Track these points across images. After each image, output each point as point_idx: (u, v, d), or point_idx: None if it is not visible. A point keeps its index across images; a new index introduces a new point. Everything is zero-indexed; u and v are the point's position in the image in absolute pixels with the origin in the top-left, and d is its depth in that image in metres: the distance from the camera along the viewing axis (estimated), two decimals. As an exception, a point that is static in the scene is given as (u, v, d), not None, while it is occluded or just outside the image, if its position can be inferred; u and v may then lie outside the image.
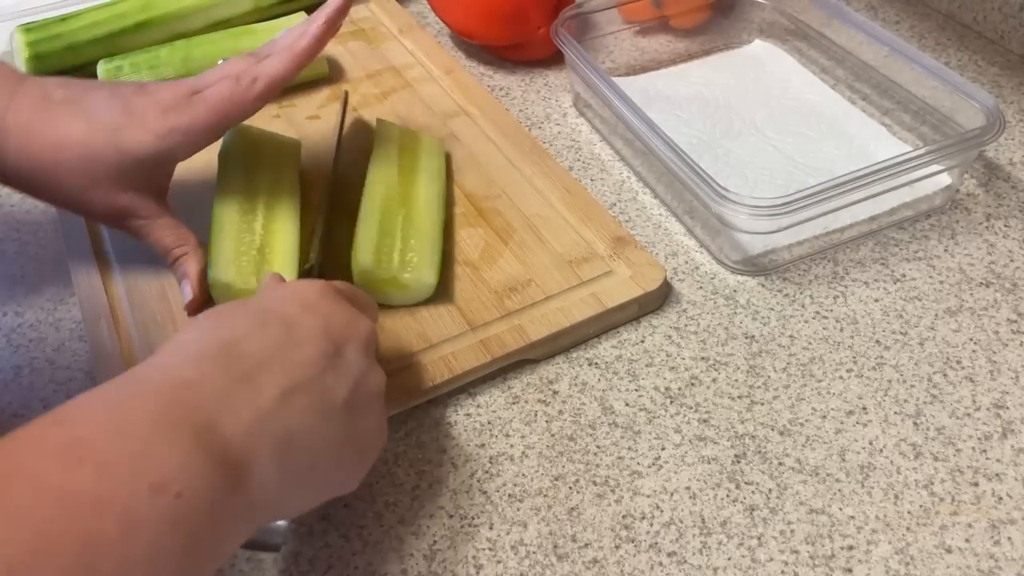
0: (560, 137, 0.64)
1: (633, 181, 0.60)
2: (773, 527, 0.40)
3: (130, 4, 0.68)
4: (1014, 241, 0.54)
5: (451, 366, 0.46)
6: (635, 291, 0.49)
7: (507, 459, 0.43)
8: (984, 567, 0.39)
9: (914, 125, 0.62)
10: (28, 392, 0.48)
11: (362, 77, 0.69)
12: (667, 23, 0.73)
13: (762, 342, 0.49)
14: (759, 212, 0.48)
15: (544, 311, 0.49)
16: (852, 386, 0.46)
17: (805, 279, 0.52)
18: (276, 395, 0.32)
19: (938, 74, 0.57)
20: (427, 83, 0.68)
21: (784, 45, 0.70)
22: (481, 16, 0.68)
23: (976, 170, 0.59)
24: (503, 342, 0.47)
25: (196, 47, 0.65)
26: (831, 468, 0.43)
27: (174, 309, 0.50)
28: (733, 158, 0.60)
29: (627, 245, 0.52)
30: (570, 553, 0.40)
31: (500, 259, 0.52)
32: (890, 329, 0.49)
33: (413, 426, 0.45)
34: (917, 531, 0.40)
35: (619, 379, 0.47)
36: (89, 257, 0.53)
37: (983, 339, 0.48)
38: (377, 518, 0.41)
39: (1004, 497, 0.41)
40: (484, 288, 0.50)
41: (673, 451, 0.44)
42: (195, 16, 0.69)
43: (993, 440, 0.44)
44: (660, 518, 0.41)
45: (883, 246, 0.54)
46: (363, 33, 0.74)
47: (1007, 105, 0.65)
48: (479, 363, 0.46)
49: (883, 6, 0.77)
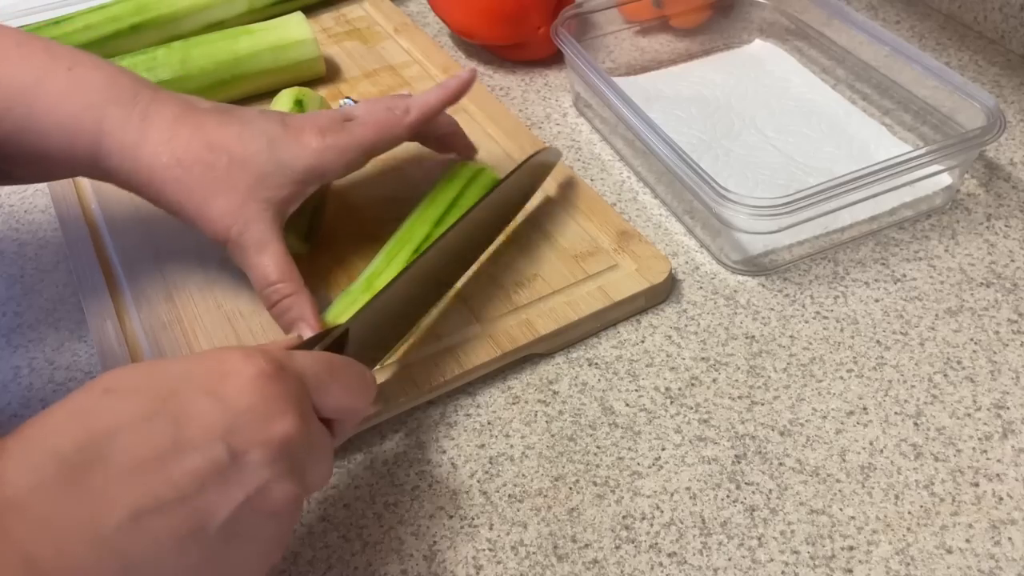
0: (560, 137, 0.64)
1: (633, 181, 0.60)
2: (773, 527, 0.40)
3: (124, 7, 0.68)
4: (1014, 241, 0.54)
5: (461, 361, 0.46)
6: (641, 284, 0.50)
7: (507, 459, 0.43)
8: (984, 567, 0.39)
9: (914, 125, 0.62)
10: (28, 392, 0.48)
11: (359, 77, 0.69)
12: (667, 23, 0.73)
13: (762, 342, 0.49)
14: (759, 212, 0.48)
15: (551, 305, 0.49)
16: (852, 386, 0.46)
17: (805, 279, 0.52)
18: (123, 517, 0.27)
19: (938, 74, 0.57)
20: (425, 82, 0.68)
21: (784, 45, 0.70)
22: (481, 16, 0.68)
23: (976, 170, 0.59)
24: (512, 336, 0.47)
25: (194, 48, 0.64)
26: (831, 468, 0.42)
27: (180, 311, 0.50)
28: (733, 158, 0.60)
29: (631, 239, 0.52)
30: (570, 553, 0.40)
31: (505, 254, 0.52)
32: (890, 329, 0.49)
33: (413, 426, 0.45)
34: (917, 531, 0.40)
35: (619, 379, 0.47)
36: (93, 261, 0.53)
37: (984, 339, 0.48)
38: (377, 518, 0.41)
39: (1004, 497, 0.41)
40: (491, 283, 0.50)
41: (673, 451, 0.43)
42: (190, 18, 0.69)
43: (993, 440, 0.43)
44: (660, 518, 0.41)
45: (883, 246, 0.54)
46: (358, 33, 0.74)
47: (1007, 105, 0.65)
48: (489, 357, 0.46)
49: (883, 6, 0.77)
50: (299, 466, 0.32)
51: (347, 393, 0.36)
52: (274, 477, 0.30)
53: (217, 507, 0.28)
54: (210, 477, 0.28)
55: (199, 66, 0.63)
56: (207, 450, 0.29)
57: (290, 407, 0.32)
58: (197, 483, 0.28)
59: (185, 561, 0.28)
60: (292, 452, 0.31)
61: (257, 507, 0.30)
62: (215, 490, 0.28)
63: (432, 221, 0.51)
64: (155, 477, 0.28)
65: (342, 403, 0.35)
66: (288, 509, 0.31)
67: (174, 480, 0.28)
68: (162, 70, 0.63)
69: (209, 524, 0.28)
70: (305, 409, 0.33)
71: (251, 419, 0.30)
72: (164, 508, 0.27)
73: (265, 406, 0.31)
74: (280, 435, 0.31)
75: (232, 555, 0.29)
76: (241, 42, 0.65)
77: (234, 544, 0.29)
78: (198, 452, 0.29)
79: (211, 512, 0.28)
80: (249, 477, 0.29)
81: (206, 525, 0.28)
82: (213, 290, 0.51)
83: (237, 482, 0.29)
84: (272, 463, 0.30)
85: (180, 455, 0.28)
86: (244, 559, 0.30)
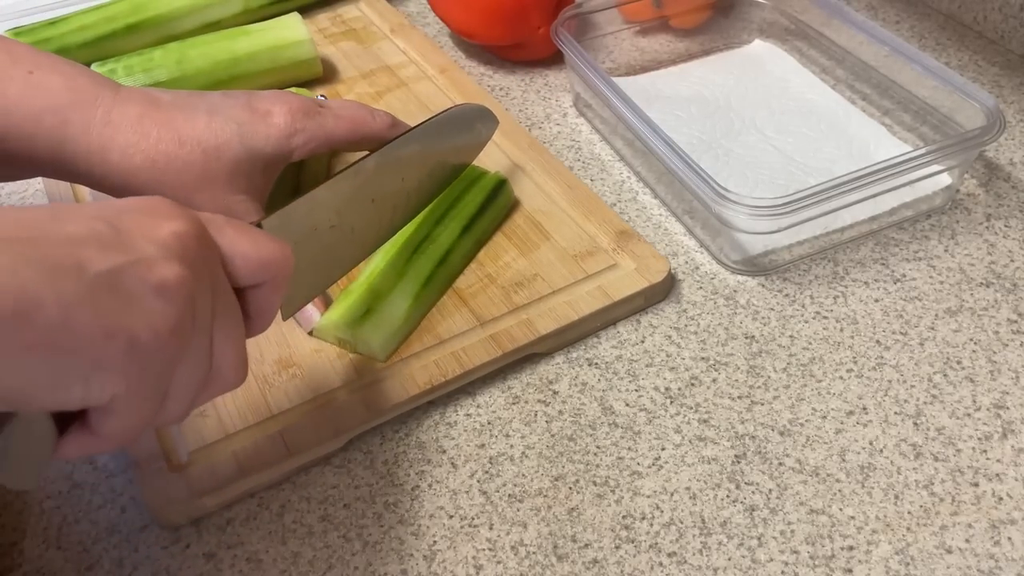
0: (560, 137, 0.64)
1: (633, 181, 0.60)
2: (773, 527, 0.40)
3: (119, 7, 0.68)
4: (1014, 241, 0.54)
5: (462, 361, 0.46)
6: (641, 283, 0.50)
7: (507, 459, 0.43)
8: (984, 567, 0.39)
9: (914, 125, 0.62)
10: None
11: (356, 77, 0.69)
12: (667, 23, 0.73)
13: (762, 342, 0.49)
14: (759, 212, 0.48)
15: (551, 305, 0.49)
16: (852, 386, 0.46)
17: (805, 279, 0.52)
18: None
19: (938, 74, 0.57)
20: (422, 81, 0.68)
21: (784, 45, 0.70)
22: (481, 16, 0.68)
23: (976, 170, 0.59)
24: (512, 336, 0.47)
25: (191, 49, 0.64)
26: (831, 468, 0.43)
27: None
28: (733, 158, 0.60)
29: (630, 238, 0.52)
30: (570, 553, 0.40)
31: (505, 255, 0.52)
32: (890, 329, 0.49)
33: (413, 426, 0.45)
34: (917, 531, 0.40)
35: (619, 379, 0.47)
36: None
37: (983, 339, 0.48)
38: (377, 518, 0.41)
39: (1004, 497, 0.41)
40: (491, 284, 0.50)
41: (673, 451, 0.43)
42: (185, 19, 0.69)
43: (993, 440, 0.44)
44: (660, 518, 0.41)
45: (883, 246, 0.54)
46: (354, 33, 0.74)
47: (1007, 105, 0.65)
48: (490, 357, 0.46)
49: (883, 6, 0.77)
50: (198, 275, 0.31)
51: (248, 240, 0.35)
52: (160, 256, 0.30)
53: (93, 259, 0.28)
54: (88, 238, 0.29)
55: (196, 67, 0.63)
56: (87, 222, 0.29)
57: (183, 217, 0.32)
58: (72, 238, 0.28)
59: (56, 289, 0.27)
60: (186, 249, 0.31)
61: (140, 275, 0.29)
62: (93, 247, 0.29)
63: (433, 221, 0.51)
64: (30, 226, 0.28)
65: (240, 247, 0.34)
66: (176, 291, 0.30)
67: (48, 231, 0.28)
68: (159, 71, 0.63)
69: (85, 268, 0.28)
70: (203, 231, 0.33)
71: (138, 216, 0.31)
72: (34, 242, 0.27)
73: (155, 210, 0.31)
74: (169, 229, 0.31)
75: (114, 306, 0.28)
76: (238, 43, 0.65)
77: (116, 297, 0.29)
78: (78, 223, 0.29)
79: (87, 260, 0.28)
80: (131, 248, 0.29)
81: (81, 267, 0.28)
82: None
83: (117, 248, 0.29)
84: (159, 246, 0.30)
85: (58, 221, 0.29)
86: (131, 318, 0.29)
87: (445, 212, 0.52)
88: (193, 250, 0.32)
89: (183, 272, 0.30)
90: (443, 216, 0.52)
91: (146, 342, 0.29)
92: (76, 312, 0.27)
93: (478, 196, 0.53)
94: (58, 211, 0.29)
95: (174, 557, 0.40)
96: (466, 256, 0.52)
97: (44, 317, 0.27)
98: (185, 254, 0.31)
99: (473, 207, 0.52)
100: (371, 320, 0.46)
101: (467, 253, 0.52)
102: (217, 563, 0.40)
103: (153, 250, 0.30)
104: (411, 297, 0.47)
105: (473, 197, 0.53)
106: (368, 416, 0.44)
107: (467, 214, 0.52)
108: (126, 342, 0.29)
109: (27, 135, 0.43)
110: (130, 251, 0.29)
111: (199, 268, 0.32)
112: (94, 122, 0.43)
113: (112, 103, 0.44)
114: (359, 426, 0.44)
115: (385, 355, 0.46)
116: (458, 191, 0.53)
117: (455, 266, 0.51)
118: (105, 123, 0.43)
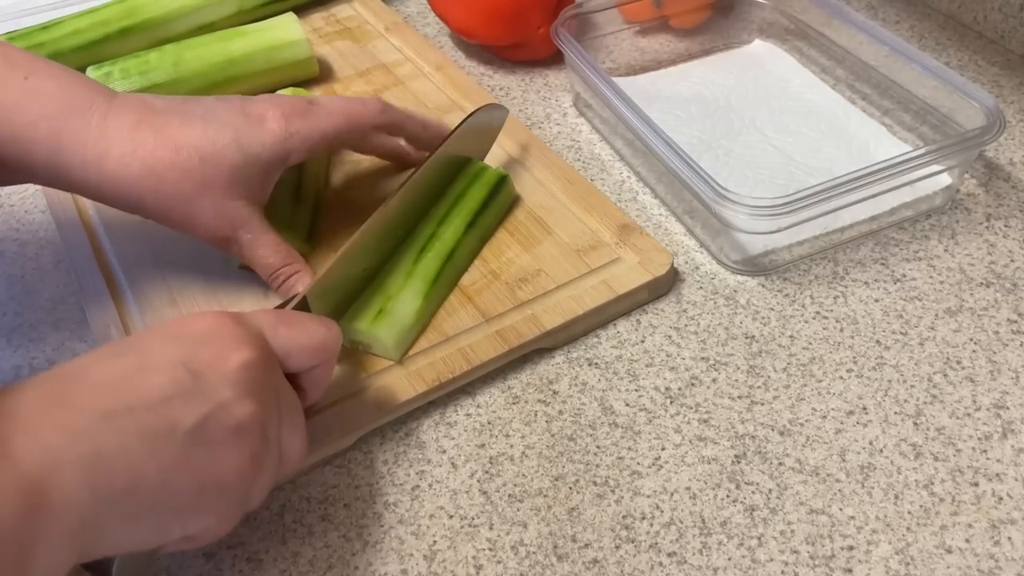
0: (560, 137, 0.64)
1: (633, 181, 0.60)
2: (773, 527, 0.40)
3: (112, 10, 0.67)
4: (1014, 241, 0.54)
5: (469, 357, 0.46)
6: (644, 276, 0.50)
7: (507, 459, 0.43)
8: (984, 567, 0.39)
9: (914, 125, 0.62)
10: (28, 392, 0.48)
11: (353, 76, 0.69)
12: (667, 23, 0.73)
13: (762, 342, 0.49)
14: (759, 212, 0.48)
15: (556, 300, 0.49)
16: (852, 386, 0.46)
17: (805, 279, 0.52)
18: (94, 416, 0.30)
19: (938, 74, 0.57)
20: (418, 79, 0.68)
21: (784, 45, 0.70)
22: (481, 16, 0.68)
23: (976, 170, 0.59)
24: (519, 332, 0.47)
25: (186, 51, 0.64)
26: (831, 468, 0.43)
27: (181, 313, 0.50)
28: (733, 158, 0.60)
29: (632, 232, 0.53)
30: (570, 553, 0.40)
31: (508, 251, 0.53)
32: (890, 329, 0.49)
33: (413, 426, 0.45)
34: (917, 531, 0.40)
35: (619, 379, 0.47)
36: (93, 266, 0.53)
37: (983, 339, 0.48)
38: (377, 518, 0.41)
39: (1004, 497, 0.41)
40: (495, 280, 0.51)
41: (673, 451, 0.43)
42: (179, 21, 0.69)
43: (993, 440, 0.44)
44: (660, 518, 0.41)
45: (883, 246, 0.54)
46: (349, 32, 0.74)
47: (1007, 105, 0.65)
48: (496, 353, 0.46)
49: (883, 6, 0.77)
50: (265, 402, 0.34)
51: (300, 333, 0.38)
52: (234, 397, 0.33)
53: (182, 416, 0.31)
54: (174, 392, 0.32)
55: (192, 68, 0.63)
56: (170, 371, 0.32)
57: (246, 343, 0.35)
58: (162, 396, 0.31)
59: (157, 457, 0.30)
60: (253, 380, 0.34)
61: (221, 422, 0.32)
62: (179, 402, 0.31)
63: (436, 220, 0.51)
64: (124, 390, 0.31)
65: (295, 341, 0.38)
66: (251, 427, 0.33)
67: (140, 393, 0.31)
68: (155, 73, 0.63)
69: (176, 428, 0.31)
70: (264, 349, 0.36)
71: (209, 349, 0.34)
72: (132, 412, 0.30)
73: (222, 340, 0.34)
74: (237, 362, 0.34)
75: (204, 459, 0.32)
76: (234, 44, 0.65)
77: (204, 449, 0.32)
78: (162, 372, 0.32)
79: (177, 419, 0.31)
80: (210, 395, 0.32)
81: (174, 429, 0.31)
82: (217, 294, 0.51)
83: (199, 398, 0.32)
84: (231, 385, 0.33)
85: (145, 375, 0.32)
86: (217, 465, 0.32)
87: (449, 210, 0.52)
88: (260, 377, 0.35)
89: (254, 408, 0.34)
90: (447, 214, 0.52)
91: (232, 483, 0.33)
92: (173, 474, 0.31)
93: (480, 192, 0.53)
94: (141, 356, 0.32)
95: (174, 557, 0.40)
96: (471, 253, 0.52)
97: (147, 485, 0.30)
98: (253, 385, 0.34)
99: (476, 203, 0.52)
100: (384, 321, 0.46)
101: (472, 250, 0.52)
102: (217, 563, 0.40)
103: (228, 392, 0.33)
104: (421, 296, 0.48)
105: (475, 193, 0.53)
106: (377, 415, 0.44)
107: (470, 211, 0.52)
108: (216, 489, 0.33)
109: (24, 141, 0.43)
110: (209, 398, 0.32)
111: (267, 393, 0.35)
112: (90, 129, 0.43)
113: (107, 110, 0.44)
114: (368, 424, 0.44)
115: (400, 354, 0.46)
116: (460, 188, 0.53)
117: (461, 263, 0.51)
118: (100, 130, 0.43)
